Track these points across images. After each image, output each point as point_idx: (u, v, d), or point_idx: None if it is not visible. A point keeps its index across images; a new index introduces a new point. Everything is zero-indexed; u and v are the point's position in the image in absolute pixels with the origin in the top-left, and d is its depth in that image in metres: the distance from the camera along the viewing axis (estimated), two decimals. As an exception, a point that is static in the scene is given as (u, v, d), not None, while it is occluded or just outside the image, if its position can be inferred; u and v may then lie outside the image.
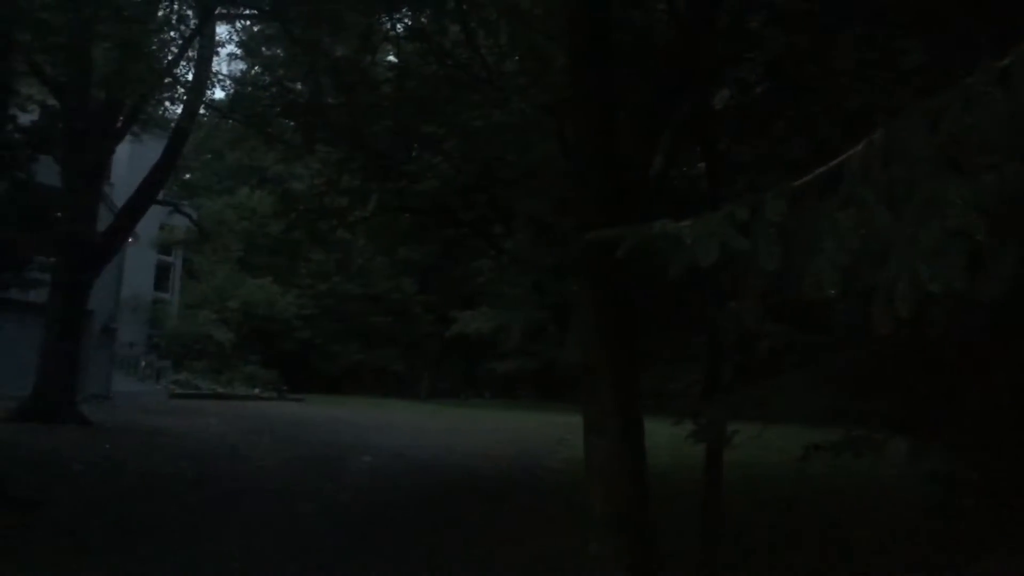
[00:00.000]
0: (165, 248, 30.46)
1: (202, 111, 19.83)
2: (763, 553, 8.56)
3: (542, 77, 11.16)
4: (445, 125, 12.65)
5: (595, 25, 6.81)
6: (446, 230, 16.17)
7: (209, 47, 18.13)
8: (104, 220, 18.42)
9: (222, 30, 20.28)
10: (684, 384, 7.83)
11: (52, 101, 16.01)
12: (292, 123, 15.56)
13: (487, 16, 12.04)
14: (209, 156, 39.97)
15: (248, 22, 17.20)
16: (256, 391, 31.61)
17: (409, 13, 13.30)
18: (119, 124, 17.62)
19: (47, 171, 14.41)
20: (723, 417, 5.87)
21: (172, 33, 14.83)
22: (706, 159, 8.75)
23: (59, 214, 13.20)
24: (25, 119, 13.42)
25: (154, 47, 14.28)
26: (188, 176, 37.50)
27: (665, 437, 8.64)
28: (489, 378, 40.24)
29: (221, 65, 59.59)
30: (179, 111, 19.60)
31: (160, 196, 20.62)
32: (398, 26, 13.89)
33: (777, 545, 8.91)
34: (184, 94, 18.50)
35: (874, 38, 7.34)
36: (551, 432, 21.75)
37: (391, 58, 15.87)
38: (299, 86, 15.30)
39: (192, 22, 15.13)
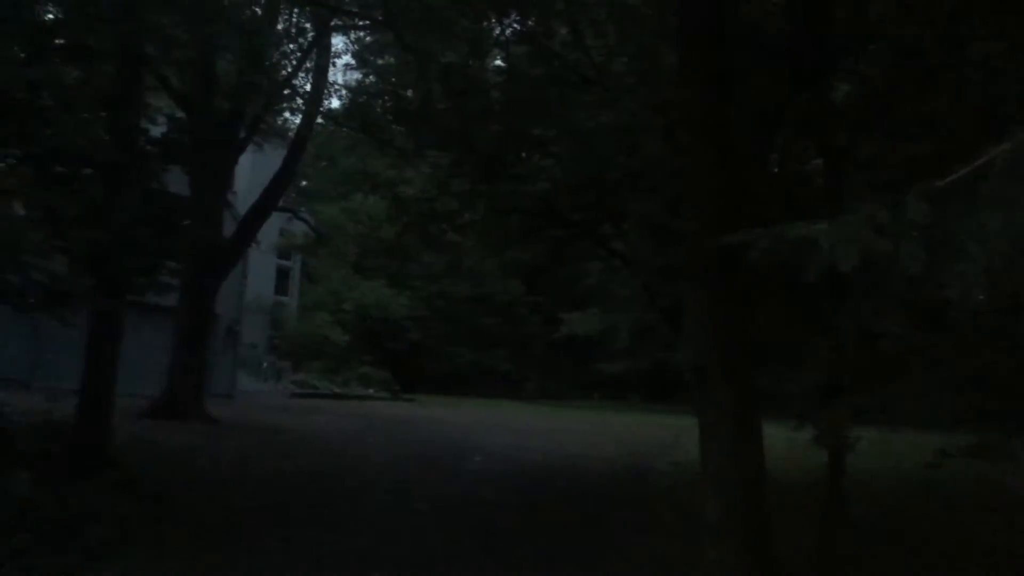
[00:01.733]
0: (284, 253, 31.52)
1: (318, 120, 20.46)
2: (886, 563, 8.26)
3: (651, 76, 11.08)
4: (554, 127, 12.70)
5: (706, 21, 6.73)
6: (555, 232, 16.20)
7: (325, 58, 18.71)
8: (228, 227, 19.25)
9: (337, 41, 20.92)
10: (802, 387, 7.63)
11: (179, 113, 16.81)
12: (403, 129, 15.92)
13: (596, 16, 12.02)
14: (324, 163, 41.23)
15: (362, 32, 17.66)
16: (370, 391, 32.39)
17: (518, 17, 13.42)
18: (242, 134, 18.37)
19: (176, 181, 15.14)
20: (846, 421, 5.70)
21: (291, 45, 15.38)
22: (824, 155, 8.51)
23: (187, 222, 13.85)
24: (155, 131, 14.14)
25: (274, 59, 14.82)
26: (305, 183, 38.77)
27: (781, 440, 8.45)
28: (597, 379, 40.11)
29: (337, 75, 61.19)
30: (297, 120, 20.31)
31: (280, 203, 21.36)
32: (507, 30, 14.03)
33: (900, 555, 8.59)
34: (302, 104, 19.15)
35: (1003, 27, 7.00)
36: (661, 434, 21.53)
37: (499, 62, 16.03)
38: (410, 93, 15.63)
39: (309, 34, 15.63)
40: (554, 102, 12.43)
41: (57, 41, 11.08)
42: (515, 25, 13.88)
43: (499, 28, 13.92)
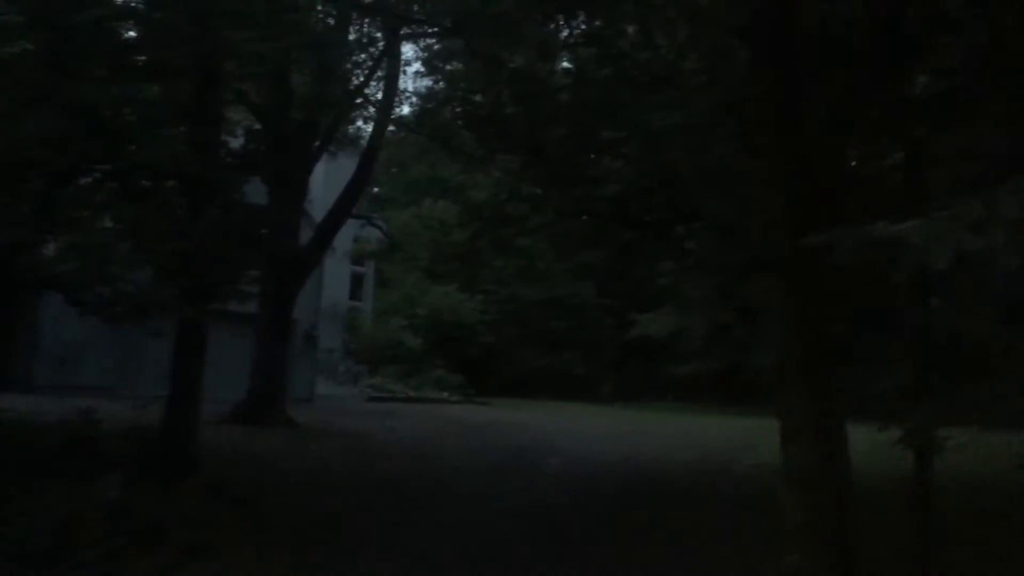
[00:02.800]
0: (358, 259, 32.02)
1: (390, 127, 20.74)
2: (972, 570, 8.00)
3: (723, 74, 10.93)
4: (624, 128, 12.64)
5: (778, 17, 6.64)
6: (626, 233, 16.11)
7: (396, 66, 18.97)
8: (305, 235, 19.65)
9: (407, 49, 21.19)
10: (886, 387, 7.44)
11: (256, 125, 17.23)
12: (473, 134, 16.04)
13: (666, 15, 11.93)
14: (395, 170, 41.77)
15: (432, 40, 17.86)
16: (444, 395, 32.67)
17: (586, 18, 13.39)
18: (316, 144, 18.75)
19: (254, 191, 15.53)
20: (934, 422, 5.55)
21: (362, 55, 15.62)
22: (904, 151, 8.30)
23: (266, 231, 14.19)
24: (233, 143, 14.53)
25: (346, 69, 15.10)
26: (377, 190, 39.33)
27: (863, 442, 8.26)
28: (671, 381, 39.70)
29: (407, 83, 61.89)
30: (369, 129, 20.63)
31: (353, 210, 21.72)
32: (574, 32, 14.02)
33: (988, 561, 8.31)
34: (374, 113, 19.45)
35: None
36: (737, 436, 21.22)
37: (566, 64, 16.02)
38: (479, 98, 15.73)
39: (380, 43, 15.87)
40: (623, 103, 12.37)
41: (138, 59, 11.49)
42: (583, 26, 13.87)
43: (567, 30, 13.93)
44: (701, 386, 38.93)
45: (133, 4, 11.63)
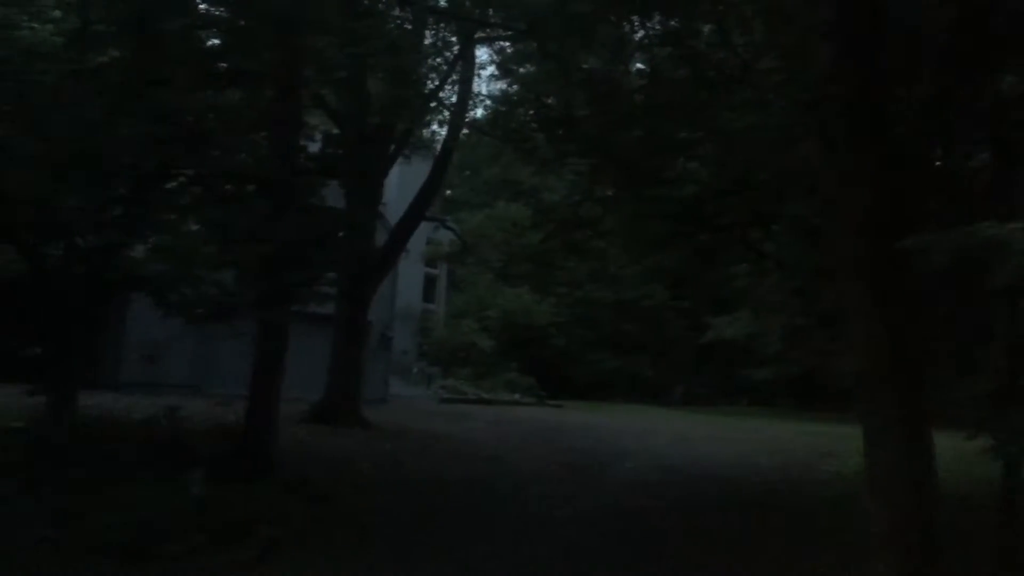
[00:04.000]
0: (431, 261, 32.33)
1: (463, 130, 20.89)
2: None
3: (802, 73, 10.72)
4: (699, 129, 12.49)
5: (862, 15, 6.49)
6: (700, 236, 15.93)
7: (470, 69, 19.09)
8: (379, 238, 19.92)
9: (481, 52, 21.32)
10: (973, 393, 7.20)
11: (334, 130, 17.54)
12: (546, 136, 16.04)
13: (742, 13, 11.75)
14: (468, 172, 42.05)
15: (505, 43, 17.93)
16: (516, 396, 32.72)
17: (661, 18, 13.28)
18: (392, 148, 18.99)
19: (330, 194, 15.80)
20: (1026, 430, 5.36)
21: (437, 59, 15.78)
22: (991, 151, 8.03)
23: (343, 233, 14.42)
24: (312, 148, 14.83)
25: (421, 74, 15.26)
26: (450, 192, 39.65)
27: (948, 450, 8.00)
28: (745, 385, 39.09)
29: (481, 86, 62.21)
30: (443, 132, 20.81)
31: (427, 213, 21.89)
32: (649, 32, 13.91)
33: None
34: (448, 116, 19.61)
35: None
36: (815, 442, 20.75)
37: (640, 65, 15.91)
38: (551, 101, 15.73)
39: (455, 47, 16.00)
40: (699, 104, 12.23)
41: (221, 66, 11.82)
42: (658, 26, 13.76)
43: (642, 31, 13.83)
44: (777, 391, 38.23)
45: (216, 12, 11.94)
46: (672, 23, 13.11)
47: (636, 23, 13.50)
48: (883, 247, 4.94)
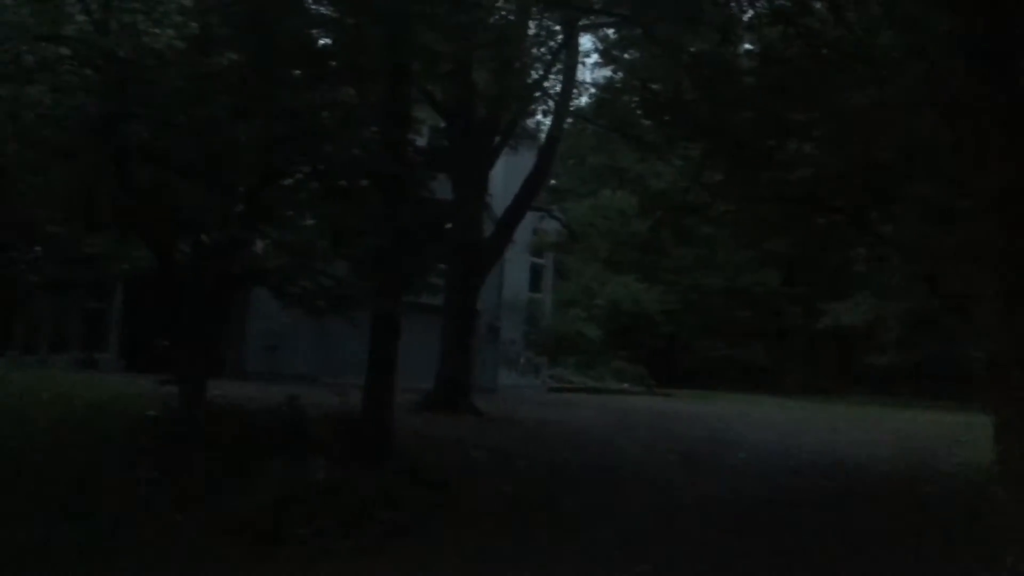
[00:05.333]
0: (538, 251, 32.40)
1: (568, 119, 20.84)
2: None
3: (924, 48, 10.28)
4: (814, 109, 12.14)
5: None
6: (816, 219, 15.48)
7: (574, 58, 19.03)
8: (486, 228, 20.11)
9: (585, 39, 21.22)
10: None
11: (441, 123, 17.79)
12: (653, 122, 15.87)
13: (857, -13, 11.36)
14: (573, 161, 41.95)
15: (610, 29, 17.81)
16: (625, 385, 32.57)
17: (771, -3, 12.95)
18: (497, 139, 19.12)
19: (438, 186, 16.04)
20: None
21: (541, 49, 15.81)
22: None
23: (451, 225, 14.65)
24: (420, 141, 15.09)
25: (526, 64, 15.31)
26: (555, 182, 39.61)
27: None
28: (864, 373, 37.87)
29: (585, 73, 62.04)
30: (548, 122, 20.82)
31: (533, 202, 21.96)
32: (759, 12, 13.59)
33: None
34: (553, 105, 19.61)
35: None
36: (941, 432, 19.91)
37: (749, 46, 15.55)
38: (656, 87, 15.54)
39: (559, 36, 15.98)
40: (813, 83, 11.88)
41: (333, 64, 12.14)
42: (768, 5, 13.41)
43: (751, 10, 13.51)
44: (897, 378, 36.86)
45: (327, 12, 12.27)
46: (781, 2, 12.78)
47: (745, 3, 13.21)
48: (1020, 228, 4.70)
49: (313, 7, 12.14)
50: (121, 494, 8.92)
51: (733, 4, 13.04)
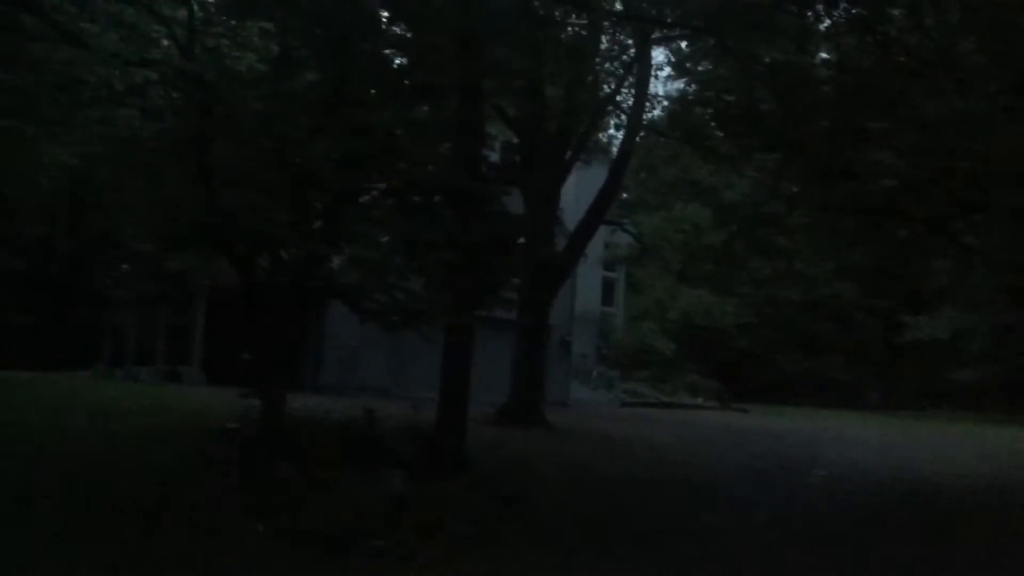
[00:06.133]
0: (610, 265, 32.28)
1: (640, 132, 20.75)
2: None
3: (1007, 54, 9.99)
4: (894, 118, 11.89)
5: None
6: (896, 229, 15.13)
7: (646, 71, 18.97)
8: (558, 243, 20.12)
9: (657, 52, 21.13)
10: None
11: (513, 138, 17.90)
12: (727, 134, 15.70)
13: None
14: (643, 174, 41.72)
15: (682, 42, 17.71)
16: (699, 400, 32.16)
17: (847, 5, 12.73)
18: (568, 153, 19.15)
19: (510, 200, 16.14)
20: None
21: (613, 63, 15.81)
22: None
23: (524, 239, 14.71)
24: (492, 157, 15.21)
25: (598, 78, 15.33)
26: (626, 195, 39.42)
27: None
28: (948, 387, 36.65)
29: (657, 86, 61.78)
30: (620, 135, 20.76)
31: (604, 216, 21.88)
32: (836, 20, 13.37)
33: None
34: (625, 119, 19.58)
35: None
36: (1030, 449, 19.18)
37: (823, 55, 15.30)
38: (731, 98, 15.38)
39: (631, 50, 15.96)
40: (892, 91, 11.64)
41: (407, 82, 12.36)
42: (844, 13, 13.19)
43: (827, 19, 13.31)
44: (984, 393, 35.59)
45: (402, 32, 12.49)
46: (858, 10, 12.55)
47: (821, 11, 13.01)
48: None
49: (388, 27, 12.37)
50: (201, 504, 9.16)
51: (809, 13, 12.86)
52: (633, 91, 19.21)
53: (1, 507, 8.08)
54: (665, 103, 21.17)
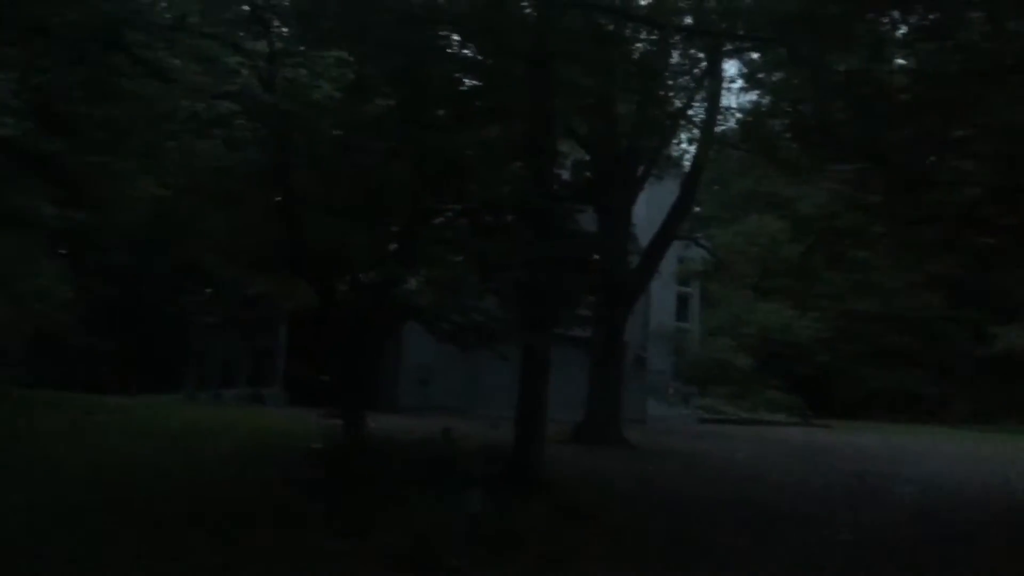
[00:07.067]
0: (684, 280, 32.00)
1: (712, 145, 20.57)
2: None
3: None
4: (975, 125, 11.57)
5: None
6: (981, 239, 14.68)
7: (717, 84, 18.83)
8: (631, 259, 20.03)
9: (728, 65, 20.95)
10: None
11: (584, 156, 17.92)
12: (801, 145, 15.46)
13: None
14: (716, 187, 41.28)
15: (753, 53, 17.54)
16: (779, 416, 31.56)
17: (923, 11, 12.46)
18: (640, 169, 19.11)
19: (582, 218, 16.16)
20: None
21: (684, 77, 15.73)
22: None
23: (597, 257, 14.72)
24: (564, 175, 15.26)
25: (670, 93, 15.28)
26: (698, 209, 39.04)
27: None
28: (1041, 401, 35.25)
29: (729, 99, 61.08)
30: (691, 149, 20.63)
31: (677, 231, 21.72)
32: (912, 27, 13.09)
33: None
34: (697, 133, 19.46)
35: None
36: None
37: (900, 61, 14.98)
38: (805, 108, 15.15)
39: (702, 64, 15.88)
40: (972, 98, 11.33)
41: (478, 104, 12.52)
42: (921, 19, 12.91)
43: (903, 26, 13.04)
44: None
45: (472, 55, 12.66)
46: (935, 15, 12.27)
47: (897, 18, 12.76)
48: None
49: (458, 51, 12.56)
50: (283, 523, 9.35)
51: (885, 20, 12.62)
52: (705, 104, 19.08)
53: (93, 524, 8.39)
54: (738, 115, 20.93)
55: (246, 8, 11.57)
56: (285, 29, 11.88)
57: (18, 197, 12.98)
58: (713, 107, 19.05)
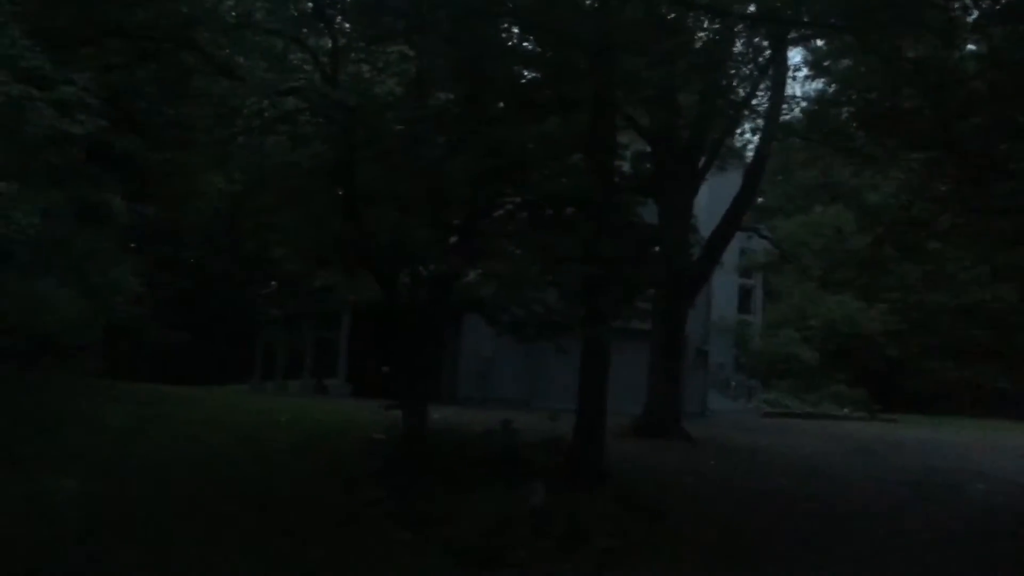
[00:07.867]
0: (746, 272, 31.58)
1: (777, 135, 20.23)
2: None
3: None
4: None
5: None
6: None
7: (782, 72, 18.49)
8: (693, 251, 19.79)
9: (794, 53, 20.56)
10: None
11: (646, 148, 17.74)
12: (870, 134, 15.12)
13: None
14: (779, 177, 40.61)
15: (819, 41, 17.18)
16: (845, 411, 30.96)
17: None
18: (702, 160, 18.86)
19: (644, 210, 16.03)
20: None
21: (748, 66, 15.46)
22: None
23: (658, 249, 14.58)
24: (625, 167, 15.13)
25: (733, 83, 15.06)
26: (761, 200, 38.44)
27: None
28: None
29: (795, 87, 60.04)
30: (755, 139, 20.30)
31: (740, 222, 21.42)
32: (984, 11, 12.69)
33: None
34: (761, 123, 19.14)
35: None
36: None
37: (971, 47, 14.53)
38: (873, 96, 14.80)
39: (766, 52, 15.61)
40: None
41: (539, 97, 12.48)
42: (993, 4, 12.52)
43: (975, 11, 12.65)
44: None
45: (532, 48, 12.63)
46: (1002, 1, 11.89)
47: (968, 3, 12.39)
48: None
49: (519, 44, 12.54)
50: (349, 513, 9.49)
51: (956, 5, 12.26)
52: (769, 93, 18.75)
53: (163, 513, 8.62)
54: (803, 104, 20.54)
55: (310, 5, 11.74)
56: (348, 25, 12.02)
57: (93, 192, 13.38)
58: (777, 96, 18.70)
